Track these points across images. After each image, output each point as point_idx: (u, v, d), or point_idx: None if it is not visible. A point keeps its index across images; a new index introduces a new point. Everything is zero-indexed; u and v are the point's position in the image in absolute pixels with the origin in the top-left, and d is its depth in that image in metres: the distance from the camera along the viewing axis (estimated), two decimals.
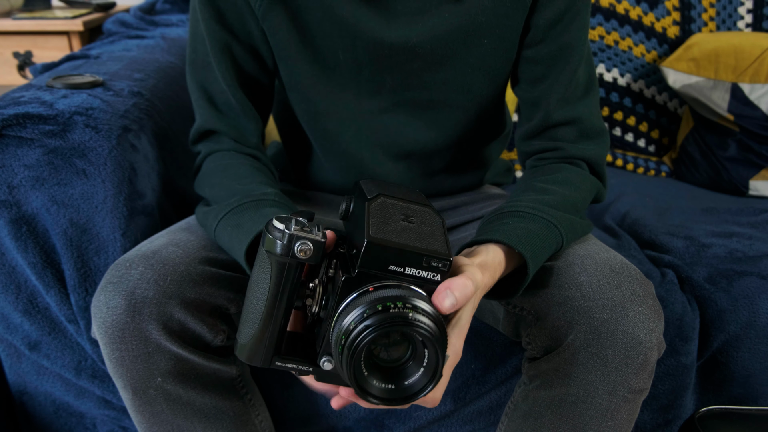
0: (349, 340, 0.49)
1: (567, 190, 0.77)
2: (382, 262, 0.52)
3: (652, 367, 0.69)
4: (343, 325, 0.51)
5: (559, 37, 0.78)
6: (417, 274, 0.52)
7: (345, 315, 0.51)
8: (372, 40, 0.77)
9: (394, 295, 0.51)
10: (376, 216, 0.54)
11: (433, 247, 0.53)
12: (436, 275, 0.53)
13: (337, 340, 0.51)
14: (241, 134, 0.83)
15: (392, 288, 0.52)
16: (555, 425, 0.72)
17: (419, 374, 0.51)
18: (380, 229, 0.53)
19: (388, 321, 0.48)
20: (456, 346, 0.58)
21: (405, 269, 0.52)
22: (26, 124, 0.82)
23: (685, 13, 1.48)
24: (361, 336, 0.48)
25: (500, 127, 0.95)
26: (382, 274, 0.52)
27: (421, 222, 0.55)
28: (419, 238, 0.53)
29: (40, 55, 1.55)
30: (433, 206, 0.59)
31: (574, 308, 0.68)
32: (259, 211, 0.69)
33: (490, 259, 0.65)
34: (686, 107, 1.49)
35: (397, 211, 0.56)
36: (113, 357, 0.68)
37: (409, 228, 0.54)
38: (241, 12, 0.77)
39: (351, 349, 0.49)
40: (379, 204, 0.56)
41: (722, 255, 1.04)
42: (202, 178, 0.81)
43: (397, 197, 0.58)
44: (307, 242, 0.52)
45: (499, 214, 0.73)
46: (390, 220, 0.54)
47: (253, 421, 0.79)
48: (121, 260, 0.71)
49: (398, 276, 0.52)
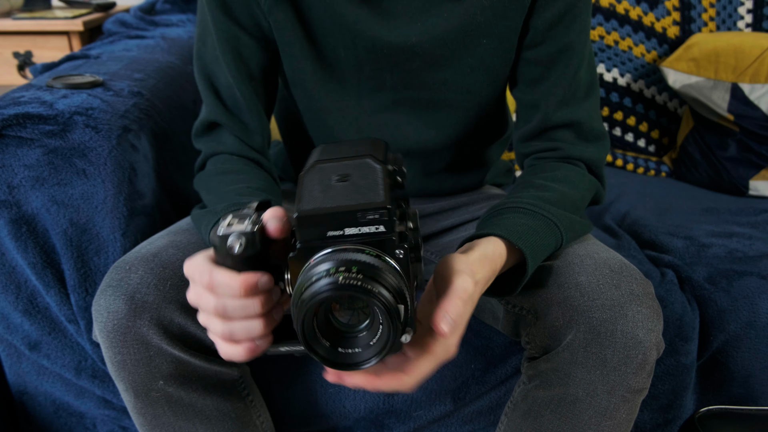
0: (298, 303, 0.49)
1: (566, 187, 0.77)
2: (319, 231, 0.50)
3: (651, 366, 0.69)
4: (295, 292, 0.50)
5: (559, 39, 0.78)
6: (359, 232, 0.50)
7: (296, 284, 0.51)
8: (371, 40, 0.77)
9: (340, 259, 0.49)
10: (309, 185, 0.53)
11: (368, 198, 0.51)
12: (378, 227, 0.50)
13: (292, 302, 0.50)
14: (246, 131, 0.82)
15: (336, 252, 0.50)
16: (554, 425, 0.72)
17: (371, 344, 0.50)
18: (311, 198, 0.51)
19: (331, 287, 0.47)
20: (449, 345, 0.57)
21: (344, 231, 0.50)
22: (26, 124, 0.82)
23: (685, 13, 1.48)
24: (309, 299, 0.48)
25: (501, 128, 0.95)
26: (323, 243, 0.51)
27: (357, 176, 0.53)
28: (354, 194, 0.51)
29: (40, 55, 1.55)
30: (377, 153, 0.56)
31: (573, 308, 0.68)
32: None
33: (490, 251, 0.65)
34: (686, 107, 1.49)
35: (332, 173, 0.54)
36: (115, 360, 0.68)
37: (343, 187, 0.52)
38: (248, 4, 0.77)
39: (300, 309, 0.48)
40: (311, 172, 0.54)
41: (722, 255, 1.04)
42: (202, 179, 0.81)
43: (335, 158, 0.56)
44: (239, 236, 0.51)
45: (499, 209, 0.73)
46: (323, 185, 0.53)
47: (254, 422, 0.79)
48: (121, 262, 0.71)
49: (341, 240, 0.51)
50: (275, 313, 0.55)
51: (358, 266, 0.48)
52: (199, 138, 0.84)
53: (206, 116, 0.82)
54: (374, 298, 0.47)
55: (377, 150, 0.57)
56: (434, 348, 0.56)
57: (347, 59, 0.79)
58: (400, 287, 0.50)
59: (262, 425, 0.80)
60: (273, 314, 0.55)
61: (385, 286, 0.48)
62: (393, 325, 0.48)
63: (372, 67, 0.79)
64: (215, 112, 0.81)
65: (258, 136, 0.82)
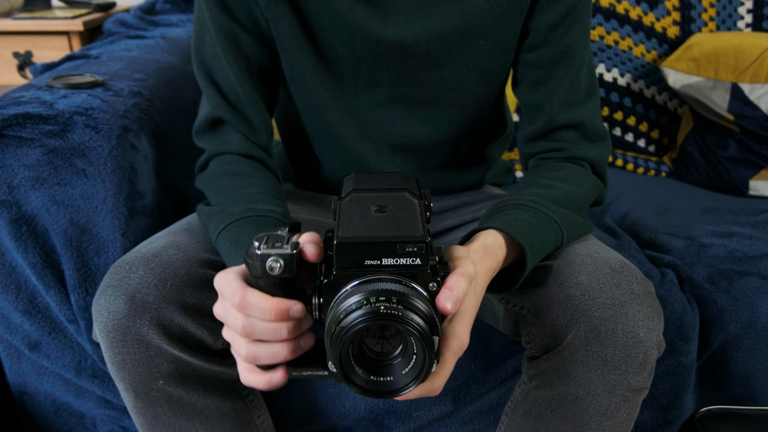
0: (333, 335, 0.50)
1: (570, 186, 0.77)
2: (357, 259, 0.52)
3: (652, 366, 0.69)
4: (333, 317, 0.51)
5: (560, 41, 0.78)
6: (395, 263, 0.52)
7: (333, 311, 0.52)
8: (369, 37, 0.77)
9: (378, 289, 0.50)
10: (347, 213, 0.54)
11: (407, 232, 0.52)
12: (415, 259, 0.52)
13: (327, 332, 0.51)
14: (251, 128, 0.81)
15: (375, 282, 0.51)
16: (555, 424, 0.72)
17: (407, 370, 0.51)
18: (350, 226, 0.53)
19: (370, 316, 0.48)
20: (461, 333, 0.57)
21: (381, 261, 0.52)
22: (26, 124, 0.82)
23: (685, 13, 1.48)
24: (344, 331, 0.49)
25: (500, 127, 0.95)
26: (360, 270, 0.52)
27: (395, 209, 0.55)
28: (392, 226, 0.53)
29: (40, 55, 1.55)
30: (412, 188, 0.58)
31: (573, 307, 0.68)
32: (258, 230, 0.68)
33: (490, 242, 0.65)
34: (686, 107, 1.49)
35: (370, 203, 0.55)
36: (115, 360, 0.68)
37: (382, 218, 0.54)
38: (245, 1, 0.77)
39: (335, 342, 0.49)
40: (350, 200, 0.55)
41: (722, 255, 1.04)
42: (208, 178, 0.80)
43: (373, 188, 0.57)
44: (278, 258, 0.52)
45: (501, 206, 0.73)
46: (362, 215, 0.54)
47: (254, 422, 0.79)
48: (121, 262, 0.71)
49: (377, 269, 0.52)
50: (303, 341, 0.56)
51: (397, 296, 0.50)
52: (201, 136, 0.84)
53: (210, 113, 0.81)
54: (413, 327, 0.49)
55: (411, 184, 0.59)
56: (449, 343, 0.56)
57: (344, 55, 0.79)
58: (434, 318, 0.51)
59: (262, 425, 0.80)
60: (300, 342, 0.56)
61: (421, 316, 0.50)
62: (429, 354, 0.50)
63: (369, 64, 0.79)
64: (219, 109, 0.80)
65: (262, 133, 0.82)
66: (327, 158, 0.90)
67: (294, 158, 0.97)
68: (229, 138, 0.81)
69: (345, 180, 0.61)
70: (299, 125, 0.90)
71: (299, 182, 1.00)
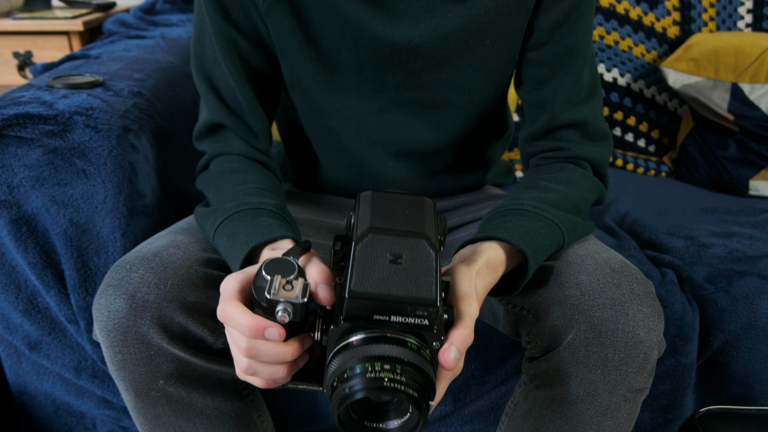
0: (333, 396, 0.51)
1: (570, 189, 0.77)
2: (367, 312, 0.52)
3: (653, 366, 0.69)
4: (336, 371, 0.52)
5: (563, 40, 0.78)
6: (404, 321, 0.52)
7: (337, 361, 0.52)
8: (374, 39, 0.77)
9: (383, 355, 0.51)
10: (362, 260, 0.53)
11: (420, 293, 0.52)
12: (423, 320, 0.52)
13: (329, 383, 0.52)
14: (250, 133, 0.82)
15: (380, 341, 0.52)
16: (555, 424, 0.72)
17: (398, 423, 0.52)
18: (364, 278, 0.52)
19: (372, 386, 0.49)
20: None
21: (390, 318, 0.52)
22: (26, 124, 0.82)
23: (685, 13, 1.48)
24: (345, 395, 0.50)
25: (502, 128, 0.95)
26: (368, 323, 0.52)
27: (410, 260, 0.54)
28: (406, 282, 0.52)
29: (40, 55, 1.55)
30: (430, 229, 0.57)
31: (573, 307, 0.68)
32: (254, 221, 0.68)
33: (492, 258, 0.65)
34: (686, 107, 1.49)
35: (386, 250, 0.54)
36: (115, 360, 0.68)
37: (396, 271, 0.53)
38: (245, 7, 0.77)
39: (339, 401, 0.50)
40: (366, 243, 0.54)
41: (722, 255, 1.04)
42: (208, 177, 0.81)
43: (390, 229, 0.56)
44: (287, 307, 0.53)
45: (501, 211, 0.73)
46: (376, 264, 0.53)
47: (254, 422, 0.79)
48: (122, 262, 0.71)
49: (385, 324, 0.52)
50: (300, 359, 0.57)
51: (401, 365, 0.50)
52: (202, 140, 0.84)
53: (209, 118, 0.82)
54: (411, 398, 0.49)
55: (429, 222, 0.58)
56: (444, 370, 0.56)
57: (348, 60, 0.79)
58: (433, 383, 0.52)
59: (262, 425, 0.80)
60: (298, 361, 0.57)
61: (421, 383, 0.51)
62: (423, 417, 0.51)
63: (373, 68, 0.79)
64: (219, 114, 0.81)
65: (262, 138, 0.83)
66: (328, 162, 0.90)
67: (294, 160, 0.97)
68: (230, 141, 0.82)
69: (361, 201, 0.60)
70: (300, 129, 0.89)
71: (299, 183, 1.00)
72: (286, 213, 0.72)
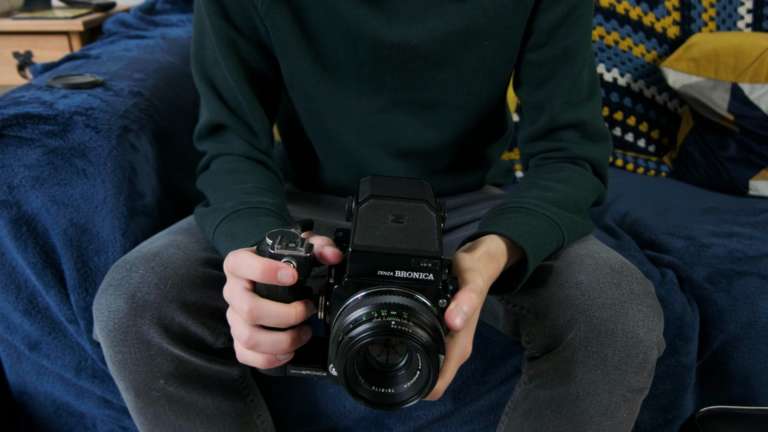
0: (340, 345, 0.49)
1: (570, 188, 0.77)
2: (371, 268, 0.51)
3: (652, 366, 0.69)
4: (338, 329, 0.51)
5: (563, 41, 0.78)
6: (408, 276, 0.52)
7: (340, 320, 0.51)
8: (373, 40, 0.77)
9: (389, 302, 0.50)
10: (364, 220, 0.54)
11: (423, 246, 0.52)
12: (428, 275, 0.52)
13: (333, 340, 0.51)
14: (251, 133, 0.82)
15: (386, 294, 0.51)
16: (555, 424, 0.72)
17: (409, 384, 0.51)
18: (367, 234, 0.52)
19: (379, 330, 0.48)
20: (465, 342, 0.57)
21: (395, 272, 0.51)
22: (26, 124, 0.82)
23: (685, 13, 1.48)
24: (352, 342, 0.49)
25: (501, 128, 0.95)
26: (372, 280, 0.52)
27: (412, 220, 0.54)
28: (409, 238, 0.53)
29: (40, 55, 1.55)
30: (430, 199, 0.58)
31: (573, 307, 0.68)
32: (253, 220, 0.68)
33: (493, 249, 0.65)
34: (686, 107, 1.49)
35: (387, 212, 0.55)
36: (116, 359, 0.68)
37: (399, 229, 0.53)
38: (244, 8, 0.77)
39: (342, 353, 0.49)
40: (368, 206, 0.55)
41: (722, 255, 1.04)
42: (208, 177, 0.81)
43: (390, 196, 0.57)
44: (291, 260, 0.52)
45: (502, 209, 0.73)
46: (378, 223, 0.54)
47: (254, 422, 0.79)
48: (122, 261, 0.71)
49: (389, 280, 0.52)
50: (303, 333, 0.56)
51: (407, 312, 0.50)
52: (203, 140, 0.84)
53: (211, 119, 0.82)
54: (420, 344, 0.48)
55: (428, 194, 0.58)
56: (452, 351, 0.56)
57: (347, 60, 0.79)
58: (441, 336, 0.51)
59: (262, 425, 0.80)
60: (301, 334, 0.56)
61: (429, 333, 0.50)
62: (433, 370, 0.50)
63: (372, 68, 0.79)
64: (220, 115, 0.81)
65: (263, 138, 0.83)
66: (328, 162, 0.90)
67: (294, 160, 0.97)
68: (231, 141, 0.82)
69: (361, 182, 0.61)
70: (300, 129, 0.89)
71: (299, 183, 1.00)
72: (284, 212, 0.72)
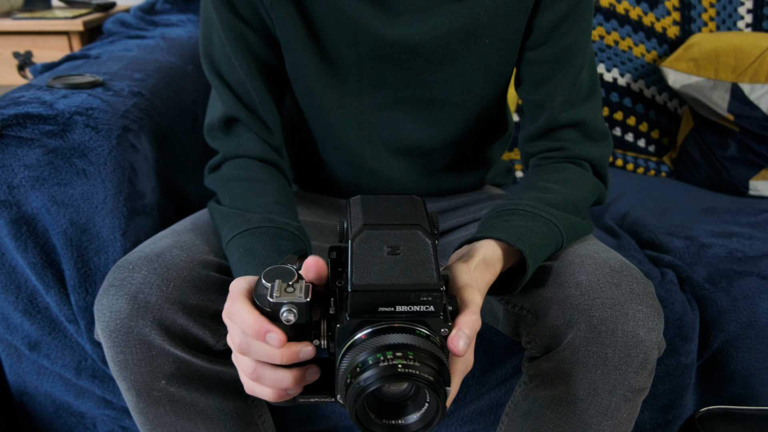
0: (351, 387, 0.50)
1: (569, 189, 0.77)
2: (371, 306, 0.52)
3: (653, 366, 0.69)
4: (348, 366, 0.51)
5: (562, 39, 0.78)
6: (409, 310, 0.52)
7: (348, 357, 0.52)
8: (374, 37, 0.77)
9: (393, 343, 0.50)
10: (360, 255, 0.53)
11: (422, 279, 0.52)
12: (429, 306, 0.52)
13: (342, 379, 0.51)
14: (265, 128, 0.81)
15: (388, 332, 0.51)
16: (555, 424, 0.72)
17: (417, 416, 0.52)
18: (364, 272, 0.52)
19: (386, 375, 0.48)
20: (467, 355, 0.57)
21: (395, 308, 0.52)
22: (26, 124, 0.82)
23: (685, 13, 1.48)
24: (360, 388, 0.49)
25: (502, 127, 0.95)
26: (373, 317, 0.52)
27: (408, 250, 0.54)
28: (407, 272, 0.52)
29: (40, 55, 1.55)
30: (423, 221, 0.57)
31: (573, 307, 0.68)
32: (274, 243, 0.68)
33: (489, 255, 0.65)
34: (686, 107, 1.49)
35: (382, 243, 0.54)
36: (117, 360, 0.68)
37: (396, 261, 0.53)
38: (251, 1, 0.77)
39: (353, 396, 0.49)
40: (362, 239, 0.54)
41: (722, 255, 1.04)
42: (222, 181, 0.79)
43: (384, 224, 0.55)
44: (292, 308, 0.52)
45: (500, 212, 0.73)
46: (374, 257, 0.53)
47: (255, 422, 0.79)
48: (124, 261, 0.71)
49: (391, 315, 0.52)
50: (309, 374, 0.56)
51: (413, 351, 0.50)
52: (215, 137, 0.83)
53: (225, 112, 0.81)
54: (428, 383, 0.49)
55: (421, 216, 0.58)
56: (456, 366, 0.56)
57: (349, 56, 0.79)
58: (446, 368, 0.51)
59: (263, 425, 0.80)
60: (306, 375, 0.56)
61: (435, 369, 0.50)
62: (441, 404, 0.50)
63: (373, 65, 0.79)
64: (234, 108, 0.80)
65: (276, 133, 0.82)
66: (329, 159, 0.90)
67: (296, 158, 0.97)
68: (244, 140, 0.81)
69: (352, 204, 0.60)
70: (302, 125, 0.89)
71: (301, 182, 1.00)
72: (304, 234, 0.72)
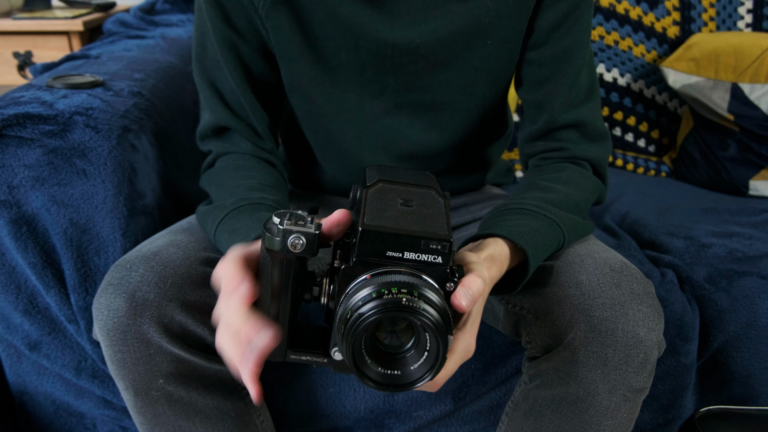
0: (349, 323, 0.49)
1: (570, 189, 0.77)
2: (379, 249, 0.51)
3: (653, 366, 0.69)
4: (346, 308, 0.51)
5: (562, 40, 0.78)
6: (416, 258, 0.52)
7: (348, 299, 0.51)
8: (375, 41, 0.77)
9: (399, 281, 0.50)
10: (373, 202, 0.54)
11: (432, 229, 0.52)
12: (437, 257, 0.52)
13: (339, 323, 0.51)
14: (256, 135, 0.82)
15: (394, 274, 0.51)
16: (555, 424, 0.72)
17: (419, 363, 0.51)
18: (376, 216, 0.52)
19: (390, 306, 0.48)
20: (468, 340, 0.57)
21: (403, 254, 0.51)
22: (26, 124, 0.82)
23: (685, 13, 1.48)
24: (361, 319, 0.48)
25: (502, 127, 0.95)
26: (380, 261, 0.52)
27: (421, 205, 0.54)
28: (418, 221, 0.53)
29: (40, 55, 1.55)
30: (437, 187, 0.58)
31: (573, 307, 0.68)
32: (253, 216, 0.68)
33: (498, 252, 0.65)
34: (686, 107, 1.49)
35: (396, 196, 0.55)
36: (115, 359, 0.68)
37: (408, 212, 0.53)
38: (246, 11, 0.77)
39: (351, 331, 0.49)
40: (377, 190, 0.55)
41: (722, 255, 1.04)
42: (212, 175, 0.81)
43: (398, 182, 0.57)
44: (300, 236, 0.52)
45: (503, 210, 0.73)
46: (387, 206, 0.54)
47: (254, 422, 0.79)
48: (122, 261, 0.71)
49: (397, 261, 0.52)
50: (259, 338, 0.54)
51: (417, 290, 0.50)
52: (207, 141, 0.84)
53: (215, 121, 0.81)
54: (431, 321, 0.48)
55: (435, 184, 0.59)
56: (456, 346, 0.56)
57: (349, 62, 0.79)
58: (449, 316, 0.51)
59: (262, 425, 0.80)
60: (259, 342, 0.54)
61: (438, 311, 0.50)
62: (443, 349, 0.50)
63: (375, 70, 0.79)
64: (224, 118, 0.81)
65: (268, 140, 0.83)
66: (328, 165, 0.90)
67: (294, 162, 0.97)
68: (237, 141, 0.82)
69: (368, 170, 0.60)
70: (300, 131, 0.89)
71: (299, 185, 1.00)
72: (286, 208, 0.72)
